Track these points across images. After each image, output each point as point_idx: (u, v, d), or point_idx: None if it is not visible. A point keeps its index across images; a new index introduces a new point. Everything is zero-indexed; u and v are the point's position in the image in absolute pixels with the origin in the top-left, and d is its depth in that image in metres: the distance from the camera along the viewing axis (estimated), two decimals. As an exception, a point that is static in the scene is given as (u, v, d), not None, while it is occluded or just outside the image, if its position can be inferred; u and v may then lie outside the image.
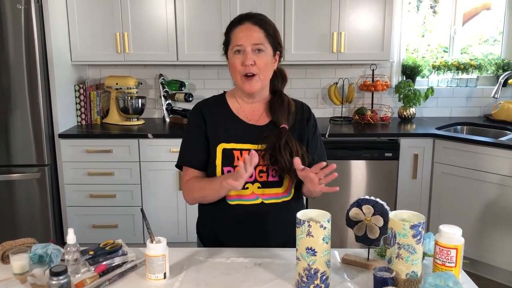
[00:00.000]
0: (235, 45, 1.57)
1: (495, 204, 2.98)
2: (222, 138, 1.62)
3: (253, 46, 1.55)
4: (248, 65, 1.55)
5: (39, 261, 1.44)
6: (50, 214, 3.19)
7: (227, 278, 1.40)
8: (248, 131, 1.64)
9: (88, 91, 3.53)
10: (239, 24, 1.59)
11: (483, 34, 4.01)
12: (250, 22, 1.58)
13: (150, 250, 1.35)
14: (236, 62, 1.57)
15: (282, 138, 1.58)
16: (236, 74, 1.58)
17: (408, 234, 1.26)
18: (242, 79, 1.58)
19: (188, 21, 3.33)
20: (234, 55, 1.58)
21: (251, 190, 1.61)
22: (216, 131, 1.63)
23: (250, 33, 1.56)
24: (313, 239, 1.26)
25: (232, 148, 1.61)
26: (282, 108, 1.64)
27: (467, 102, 3.83)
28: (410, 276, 1.29)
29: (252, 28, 1.57)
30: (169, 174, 3.25)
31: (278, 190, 1.62)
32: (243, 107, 1.68)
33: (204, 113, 1.66)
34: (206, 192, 1.59)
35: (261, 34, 1.57)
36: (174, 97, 3.63)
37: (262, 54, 1.57)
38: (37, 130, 3.10)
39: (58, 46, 3.19)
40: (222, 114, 1.67)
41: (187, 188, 1.65)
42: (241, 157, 1.58)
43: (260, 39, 1.56)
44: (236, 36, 1.57)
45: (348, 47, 3.37)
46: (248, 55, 1.55)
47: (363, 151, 3.23)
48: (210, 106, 1.69)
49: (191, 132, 1.68)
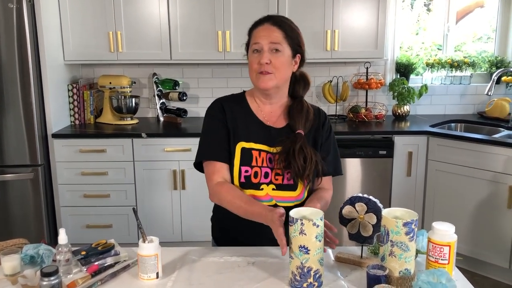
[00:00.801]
0: (253, 43, 1.58)
1: (489, 201, 2.99)
2: (242, 136, 1.61)
3: (271, 45, 1.56)
4: (263, 63, 1.55)
5: (31, 261, 1.43)
6: (43, 214, 3.18)
7: (220, 277, 1.39)
8: (266, 132, 1.64)
9: (81, 91, 3.51)
10: (260, 24, 1.60)
11: (476, 32, 4.02)
12: (270, 22, 1.59)
13: (142, 249, 1.34)
14: (253, 61, 1.58)
15: (297, 143, 1.57)
16: (252, 72, 1.59)
17: (401, 231, 1.26)
18: (257, 76, 1.58)
19: (181, 19, 3.32)
20: (252, 54, 1.59)
21: (265, 191, 1.60)
22: (236, 129, 1.62)
23: (269, 33, 1.57)
24: (306, 237, 1.26)
25: (251, 148, 1.61)
26: (301, 115, 1.63)
27: (461, 99, 3.84)
28: (403, 273, 1.29)
29: (271, 29, 1.58)
30: (164, 173, 3.24)
31: (292, 194, 1.61)
32: (262, 108, 1.67)
33: (226, 108, 1.65)
34: (238, 210, 1.55)
35: (280, 34, 1.57)
36: (168, 96, 3.62)
37: (279, 54, 1.57)
38: (30, 130, 3.08)
39: (50, 46, 3.17)
40: (242, 112, 1.66)
41: (217, 193, 1.59)
42: (259, 157, 1.59)
43: (278, 39, 1.56)
44: (255, 36, 1.59)
45: (342, 45, 3.37)
46: (264, 54, 1.55)
47: (357, 149, 3.23)
48: (230, 102, 1.68)
49: (212, 126, 1.65)
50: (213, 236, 1.79)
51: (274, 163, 1.59)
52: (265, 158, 1.60)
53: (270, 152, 1.61)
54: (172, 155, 3.21)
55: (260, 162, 1.60)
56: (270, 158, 1.60)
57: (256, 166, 1.59)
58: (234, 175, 1.60)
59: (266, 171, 1.59)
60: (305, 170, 1.55)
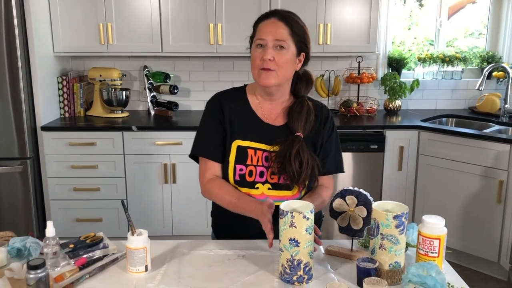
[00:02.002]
0: (257, 38, 1.54)
1: (479, 195, 3.01)
2: (239, 135, 1.59)
3: (275, 42, 1.51)
4: (266, 60, 1.51)
5: (18, 254, 1.41)
6: (33, 207, 3.15)
7: (210, 270, 1.38)
8: (264, 130, 1.61)
9: (71, 83, 3.47)
10: (266, 18, 1.56)
11: (468, 27, 4.03)
12: (277, 17, 1.54)
13: (131, 242, 1.33)
14: (256, 56, 1.54)
15: (294, 147, 1.53)
16: (254, 68, 1.55)
17: (391, 224, 1.26)
18: (259, 73, 1.54)
19: (172, 11, 3.29)
20: (255, 48, 1.55)
21: (261, 190, 1.59)
22: (233, 126, 1.60)
23: (274, 29, 1.52)
24: (296, 230, 1.25)
25: (247, 146, 1.59)
26: (300, 116, 1.59)
27: (452, 94, 3.85)
28: (393, 266, 1.29)
29: (277, 24, 1.53)
30: (154, 167, 3.22)
31: (288, 193, 1.59)
32: (262, 105, 1.64)
33: (224, 105, 1.62)
34: (229, 205, 1.57)
35: (286, 31, 1.53)
36: (159, 89, 3.59)
37: (284, 52, 1.52)
38: (19, 123, 3.05)
39: (40, 37, 3.13)
40: (240, 109, 1.63)
41: (208, 190, 1.61)
42: (254, 156, 1.57)
43: (283, 36, 1.52)
44: (260, 30, 1.55)
45: (334, 39, 3.36)
46: (268, 50, 1.51)
47: (349, 143, 3.23)
48: (229, 98, 1.65)
49: (209, 123, 1.63)
50: (213, 229, 1.78)
51: (270, 162, 1.56)
52: (261, 156, 1.58)
53: (268, 150, 1.58)
54: (163, 149, 3.19)
55: (256, 161, 1.58)
56: (266, 156, 1.58)
57: (251, 165, 1.57)
58: (229, 173, 1.59)
59: (262, 170, 1.58)
60: (301, 175, 1.52)
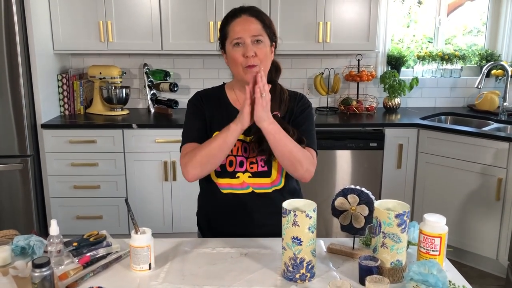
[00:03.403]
0: (233, 38, 1.55)
1: (478, 193, 3.02)
2: (218, 126, 1.60)
3: (252, 37, 1.55)
4: (249, 57, 1.53)
5: (21, 253, 1.42)
6: (33, 205, 3.15)
7: (213, 268, 1.39)
8: None
9: (71, 81, 3.47)
10: (236, 17, 1.57)
11: (467, 25, 4.03)
12: (247, 14, 1.57)
13: (134, 241, 1.34)
14: (237, 55, 1.55)
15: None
16: (238, 66, 1.56)
17: (393, 223, 1.27)
18: (244, 70, 1.56)
19: (172, 9, 3.29)
20: (234, 48, 1.56)
21: (242, 179, 1.62)
22: (213, 119, 1.64)
23: (248, 25, 1.55)
24: (299, 228, 1.26)
25: None
26: (274, 96, 1.62)
27: (451, 92, 3.86)
28: (395, 264, 1.30)
29: (249, 20, 1.56)
30: (154, 164, 3.22)
31: (267, 180, 1.63)
32: (240, 98, 1.67)
33: (204, 100, 1.67)
34: (210, 147, 1.50)
35: (259, 25, 1.57)
36: (159, 87, 3.60)
37: (262, 45, 1.56)
38: (19, 121, 3.05)
39: (39, 35, 3.13)
40: (219, 104, 1.67)
41: (188, 157, 1.54)
42: (234, 147, 1.57)
43: (259, 31, 1.56)
44: (234, 30, 1.56)
45: (334, 37, 3.37)
46: (248, 47, 1.54)
47: (348, 141, 3.24)
48: (209, 95, 1.70)
49: (192, 116, 1.67)
50: (200, 228, 1.80)
51: (249, 151, 1.61)
52: (240, 147, 1.62)
53: (246, 141, 1.62)
54: (163, 146, 3.19)
55: (235, 151, 1.61)
56: (245, 147, 1.62)
57: (231, 155, 1.61)
58: None
59: (241, 160, 1.62)
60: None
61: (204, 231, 1.77)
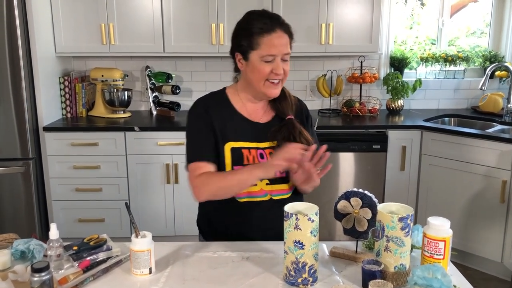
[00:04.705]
0: (267, 54, 1.52)
1: (482, 195, 3.00)
2: (230, 136, 1.59)
3: (283, 55, 1.56)
4: (279, 74, 1.55)
5: (21, 257, 1.41)
6: (35, 208, 3.14)
7: (214, 272, 1.38)
8: (253, 129, 1.62)
9: (73, 84, 3.47)
10: (271, 30, 1.53)
11: (470, 26, 4.01)
12: (282, 30, 1.56)
13: (135, 245, 1.33)
14: (265, 70, 1.54)
15: (296, 128, 1.60)
16: (260, 79, 1.56)
17: (397, 226, 1.26)
18: (266, 84, 1.56)
19: (174, 11, 3.28)
20: (263, 62, 1.54)
21: (259, 187, 1.60)
22: (223, 129, 1.59)
23: (282, 43, 1.55)
24: (301, 232, 1.25)
25: (240, 146, 1.59)
26: (286, 101, 1.65)
27: (455, 94, 3.84)
28: (398, 268, 1.28)
29: (283, 37, 1.56)
30: (156, 167, 3.21)
31: (285, 186, 1.63)
32: (246, 105, 1.65)
33: (210, 109, 1.61)
34: (228, 183, 1.49)
35: (289, 41, 1.58)
36: (161, 90, 3.59)
37: (288, 62, 1.59)
38: (21, 123, 3.04)
39: (41, 38, 3.13)
40: (227, 112, 1.63)
41: (201, 181, 1.51)
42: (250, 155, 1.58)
43: (288, 48, 1.57)
44: (267, 44, 1.52)
45: (336, 39, 3.35)
46: (279, 65, 1.55)
47: (351, 143, 3.22)
48: (213, 103, 1.64)
49: (197, 128, 1.60)
50: (201, 231, 1.78)
51: (266, 157, 1.59)
52: (256, 155, 1.60)
53: (261, 148, 1.60)
54: (165, 149, 3.18)
55: (252, 160, 1.59)
56: (261, 154, 1.60)
57: (248, 164, 1.58)
58: None
59: None
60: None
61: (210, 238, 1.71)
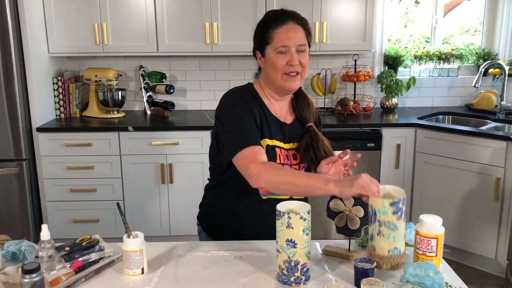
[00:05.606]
0: (280, 46, 1.53)
1: (476, 192, 3.01)
2: (266, 133, 1.58)
3: (298, 46, 1.55)
4: (295, 65, 1.54)
5: (13, 258, 1.40)
6: (29, 209, 3.13)
7: (207, 272, 1.38)
8: (282, 129, 1.63)
9: (66, 84, 3.45)
10: (283, 23, 1.54)
11: (464, 24, 4.02)
12: (294, 22, 1.56)
13: (127, 245, 1.32)
14: (281, 62, 1.54)
15: (319, 136, 1.63)
16: (278, 72, 1.55)
17: (388, 211, 1.25)
18: (284, 77, 1.56)
19: (168, 10, 3.27)
20: (278, 55, 1.54)
21: None
22: (261, 125, 1.58)
23: (295, 34, 1.54)
24: (293, 231, 1.24)
25: (274, 145, 1.59)
26: (309, 108, 1.67)
27: (449, 91, 3.85)
28: (392, 252, 1.28)
29: (296, 28, 1.56)
30: (151, 167, 3.20)
31: None
32: (273, 104, 1.65)
33: (249, 103, 1.57)
34: (298, 182, 1.36)
35: (303, 33, 1.57)
36: (155, 89, 3.58)
37: (305, 54, 1.57)
38: (14, 124, 3.03)
39: (34, 38, 3.11)
40: (260, 108, 1.61)
41: (265, 168, 1.39)
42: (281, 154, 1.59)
43: (303, 40, 1.56)
44: (280, 37, 1.53)
45: (330, 38, 3.35)
46: (294, 56, 1.54)
47: (345, 142, 3.22)
48: (249, 97, 1.60)
49: (242, 117, 1.52)
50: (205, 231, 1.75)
51: (299, 158, 1.61)
52: (285, 155, 1.61)
53: (286, 148, 1.61)
54: (160, 149, 3.17)
55: (283, 159, 1.60)
56: (287, 154, 1.61)
57: (280, 163, 1.58)
58: None
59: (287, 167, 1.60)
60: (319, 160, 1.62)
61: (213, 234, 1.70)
